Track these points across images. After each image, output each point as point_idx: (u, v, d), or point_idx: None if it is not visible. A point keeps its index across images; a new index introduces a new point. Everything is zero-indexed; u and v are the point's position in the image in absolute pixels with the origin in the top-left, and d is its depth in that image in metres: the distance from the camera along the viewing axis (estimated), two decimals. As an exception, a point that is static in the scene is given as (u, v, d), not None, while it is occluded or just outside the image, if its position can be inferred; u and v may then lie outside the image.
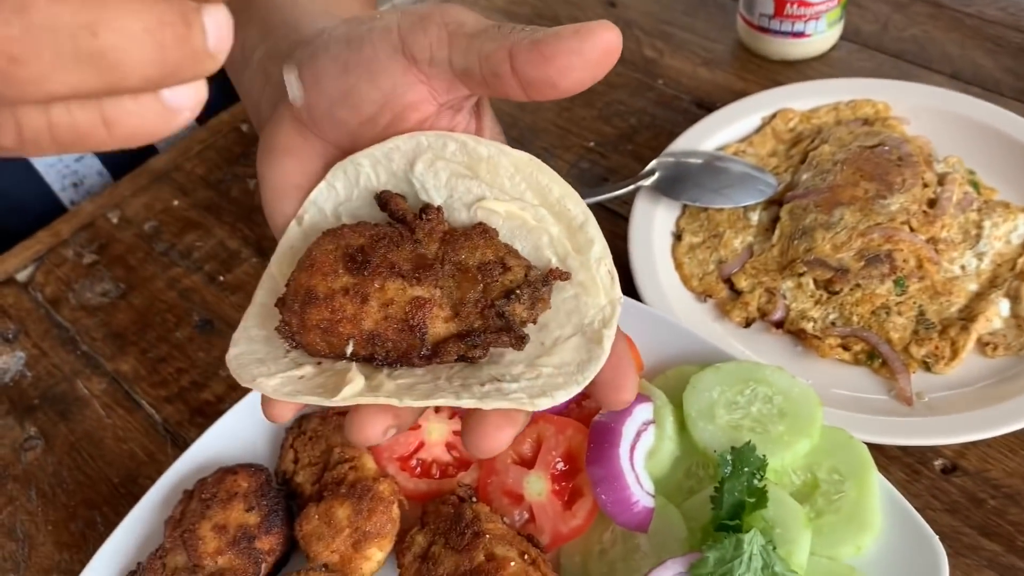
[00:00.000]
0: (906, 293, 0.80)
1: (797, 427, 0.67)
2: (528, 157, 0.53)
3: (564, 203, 0.52)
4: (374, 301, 0.49)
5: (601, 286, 0.51)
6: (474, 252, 0.51)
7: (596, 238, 0.52)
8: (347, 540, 0.66)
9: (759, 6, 1.03)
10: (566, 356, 0.49)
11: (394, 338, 0.49)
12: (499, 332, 0.49)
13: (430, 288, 0.50)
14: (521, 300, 0.49)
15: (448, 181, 0.54)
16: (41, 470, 0.82)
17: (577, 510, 0.67)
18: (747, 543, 0.60)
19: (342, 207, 0.56)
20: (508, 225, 0.53)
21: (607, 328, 0.49)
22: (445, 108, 0.54)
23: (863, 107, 0.95)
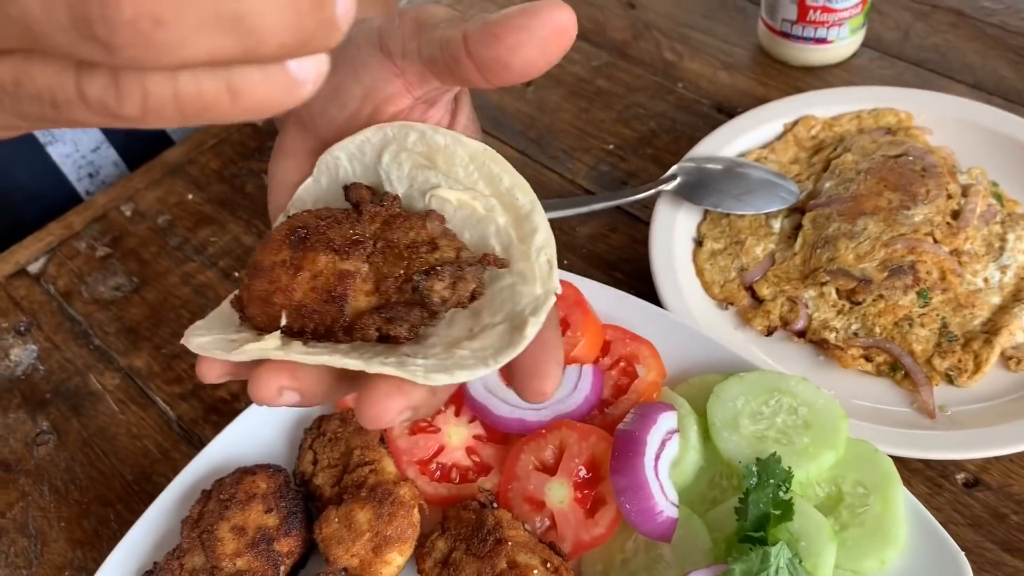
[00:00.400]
0: (929, 305, 0.79)
1: (822, 439, 0.67)
2: (482, 147, 0.54)
3: (513, 193, 0.53)
4: (305, 273, 0.50)
5: (538, 275, 0.50)
6: (407, 232, 0.52)
7: (540, 227, 0.51)
8: (367, 544, 0.65)
9: (782, 11, 1.02)
10: (488, 342, 0.48)
11: (319, 309, 0.50)
12: (412, 305, 0.49)
13: (357, 263, 0.50)
14: (440, 277, 0.49)
15: (410, 172, 0.55)
16: (53, 465, 0.81)
17: (600, 518, 0.66)
18: (774, 556, 0.59)
19: (321, 198, 0.57)
20: (460, 214, 0.54)
21: (535, 316, 0.48)
22: (420, 102, 0.55)
23: (886, 116, 0.95)
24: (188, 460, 0.78)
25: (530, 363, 0.49)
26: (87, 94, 0.31)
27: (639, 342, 0.75)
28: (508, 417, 0.71)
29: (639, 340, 0.75)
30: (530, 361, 0.48)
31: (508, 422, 0.71)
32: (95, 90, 0.31)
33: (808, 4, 0.99)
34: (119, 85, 0.31)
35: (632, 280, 0.88)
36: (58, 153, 1.06)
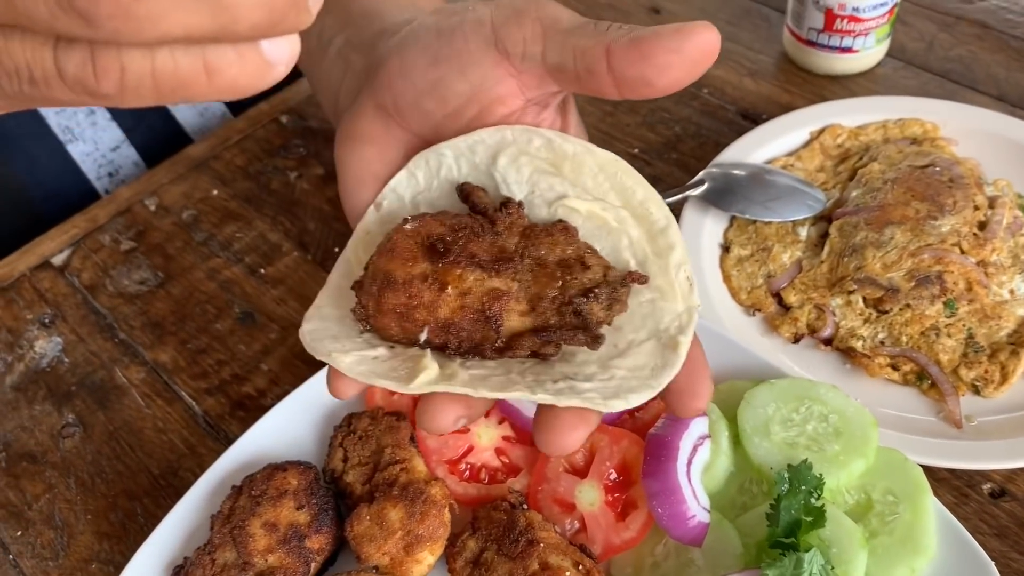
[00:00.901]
0: (956, 315, 0.80)
1: (852, 447, 0.67)
2: (613, 157, 0.53)
3: (647, 206, 0.52)
4: (452, 290, 0.49)
5: (679, 292, 0.51)
6: (554, 248, 0.51)
7: (677, 243, 0.51)
8: (399, 543, 0.66)
9: (808, 20, 1.03)
10: (640, 360, 0.49)
11: (469, 328, 0.49)
12: (575, 330, 0.49)
13: (508, 281, 0.50)
14: (599, 299, 0.49)
15: (530, 177, 0.54)
16: (80, 458, 0.82)
17: (631, 522, 0.66)
18: (807, 562, 0.60)
19: (420, 196, 0.57)
20: (588, 225, 0.53)
21: (683, 335, 0.49)
22: (532, 104, 0.54)
23: (911, 126, 0.95)
24: (214, 455, 0.79)
25: (684, 382, 0.49)
26: (65, 70, 0.31)
27: (669, 347, 0.75)
28: (538, 419, 0.71)
29: (669, 345, 0.75)
30: (684, 380, 0.49)
31: (538, 424, 0.71)
32: (73, 66, 0.31)
33: (835, 13, 1.00)
34: (97, 61, 0.31)
35: (658, 284, 0.88)
36: (78, 152, 1.06)
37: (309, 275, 0.93)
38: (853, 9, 0.99)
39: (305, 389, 0.77)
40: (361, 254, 0.57)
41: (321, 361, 0.54)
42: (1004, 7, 1.14)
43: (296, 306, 0.91)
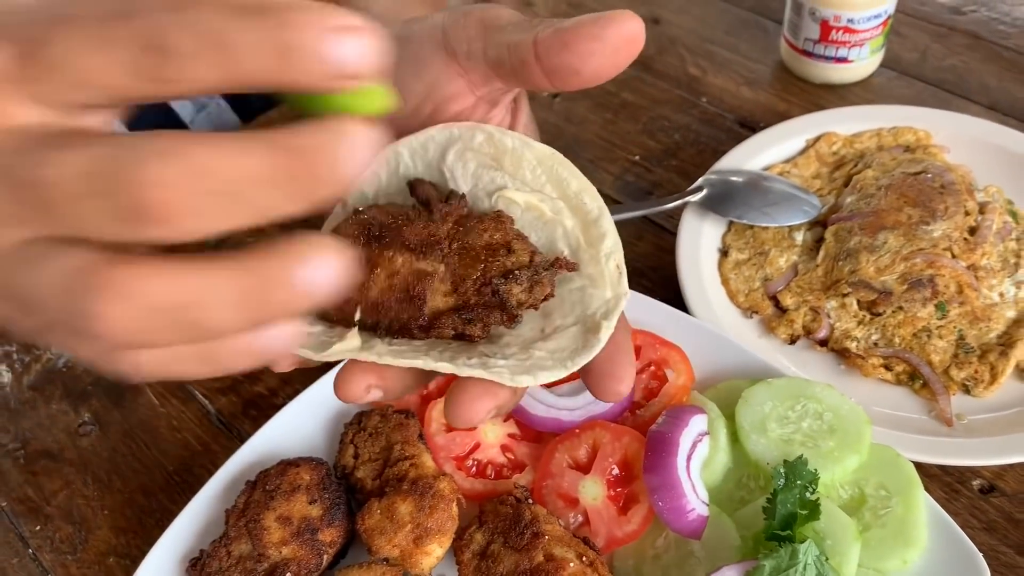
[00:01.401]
0: (947, 317, 0.82)
1: (847, 443, 0.69)
2: (550, 151, 0.55)
3: (581, 197, 0.54)
4: (382, 271, 0.52)
5: (608, 280, 0.52)
6: (483, 235, 0.53)
7: (609, 233, 0.53)
8: (409, 535, 0.68)
9: (804, 31, 1.05)
10: (563, 343, 0.50)
11: (396, 307, 0.51)
12: (491, 309, 0.51)
13: (434, 263, 0.52)
14: (518, 281, 0.51)
15: (475, 171, 0.56)
16: (96, 455, 0.84)
17: (632, 515, 0.69)
18: (802, 553, 0.62)
19: (381, 192, 0.59)
20: (526, 216, 0.55)
21: (607, 320, 0.50)
22: (482, 101, 0.57)
23: (905, 134, 0.98)
24: (227, 453, 0.81)
25: (606, 365, 0.50)
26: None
27: (669, 347, 0.77)
28: (543, 417, 0.74)
29: (669, 345, 0.77)
30: (606, 363, 0.50)
31: (543, 421, 0.74)
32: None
33: (831, 25, 1.02)
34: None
35: (658, 288, 0.91)
36: None
37: (319, 278, 0.96)
38: (848, 20, 1.01)
39: (315, 389, 0.79)
40: None
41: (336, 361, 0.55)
42: (995, 18, 1.17)
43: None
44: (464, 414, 0.48)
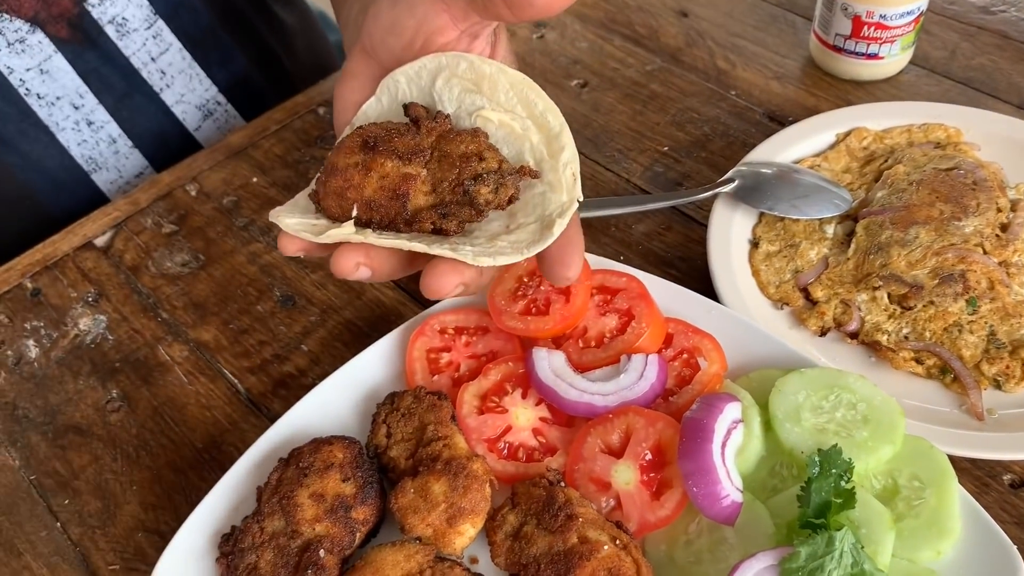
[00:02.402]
0: (978, 313, 0.82)
1: (880, 434, 0.69)
2: (522, 77, 0.64)
3: (546, 116, 0.63)
4: (374, 174, 0.62)
5: (564, 185, 0.61)
6: (459, 145, 0.62)
7: (567, 145, 0.62)
8: (442, 515, 0.68)
9: (836, 26, 1.05)
10: (522, 236, 0.60)
11: (385, 204, 0.62)
12: (463, 205, 0.61)
13: (418, 168, 0.62)
14: (486, 183, 0.61)
15: (459, 95, 0.65)
16: (125, 431, 0.84)
17: (665, 501, 0.69)
18: (839, 540, 0.62)
19: (383, 115, 0.69)
20: (500, 132, 0.64)
21: (561, 218, 0.59)
22: (465, 35, 0.65)
23: (935, 131, 0.98)
24: (257, 431, 0.81)
25: (556, 253, 0.60)
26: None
27: (701, 335, 0.77)
28: (576, 401, 0.74)
29: (701, 334, 0.78)
30: (556, 252, 0.60)
31: (576, 406, 0.74)
32: None
33: (863, 20, 1.02)
34: None
35: (687, 278, 0.91)
36: (102, 179, 1.12)
37: (347, 261, 0.96)
38: (880, 17, 1.01)
39: (347, 369, 0.80)
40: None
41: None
42: (1025, 19, 1.17)
43: (335, 291, 0.93)
44: (435, 286, 0.59)
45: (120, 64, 1.08)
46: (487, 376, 0.78)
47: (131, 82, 1.09)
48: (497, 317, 0.79)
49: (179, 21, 1.11)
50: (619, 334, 0.78)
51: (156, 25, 1.09)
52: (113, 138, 1.11)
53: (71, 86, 1.05)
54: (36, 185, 1.07)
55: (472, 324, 0.82)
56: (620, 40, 1.19)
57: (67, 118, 1.07)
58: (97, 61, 1.06)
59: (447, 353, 0.81)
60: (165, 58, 1.11)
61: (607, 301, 0.80)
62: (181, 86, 1.14)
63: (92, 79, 1.06)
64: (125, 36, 1.07)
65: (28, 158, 1.06)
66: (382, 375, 0.80)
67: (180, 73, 1.13)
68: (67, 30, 1.02)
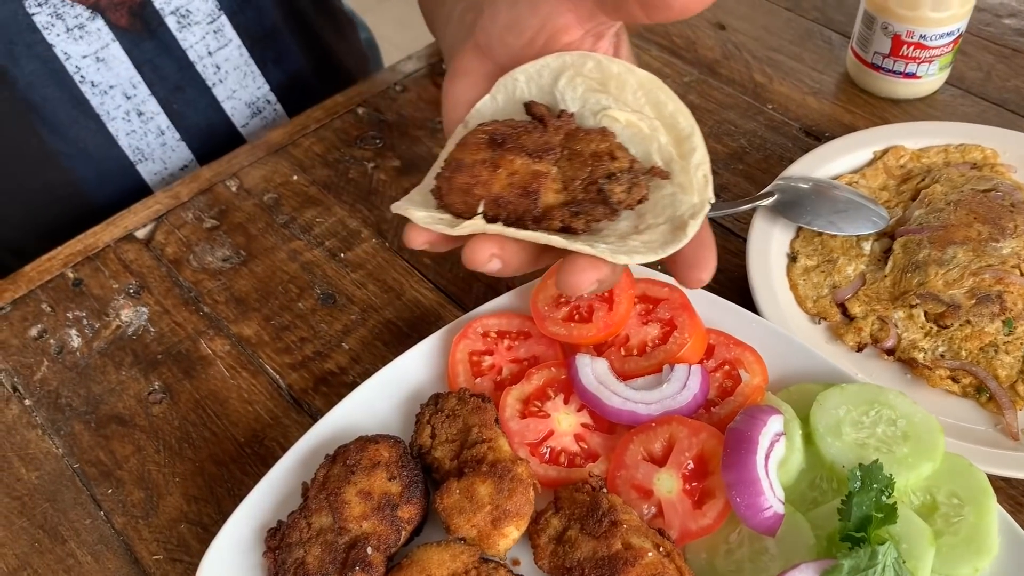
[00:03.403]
0: (1014, 334, 0.83)
1: (920, 450, 0.70)
2: (651, 77, 0.64)
3: (676, 117, 0.62)
4: (503, 171, 0.61)
5: (696, 187, 0.60)
6: (590, 144, 0.62)
7: (699, 147, 0.61)
8: (487, 516, 0.69)
9: (875, 44, 1.06)
10: (654, 237, 0.59)
11: (514, 201, 0.60)
12: (596, 204, 0.60)
13: (548, 165, 0.61)
14: (620, 182, 0.60)
15: (583, 94, 0.65)
16: (167, 423, 0.85)
17: (707, 510, 0.70)
18: (881, 555, 0.63)
19: (498, 113, 0.68)
20: (627, 132, 0.63)
21: (693, 219, 0.58)
22: (588, 34, 0.65)
23: (972, 152, 0.99)
24: (299, 427, 0.83)
25: (691, 256, 0.60)
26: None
27: (743, 348, 0.78)
28: (619, 409, 0.75)
29: (743, 346, 0.79)
30: (690, 254, 0.60)
31: (619, 413, 0.75)
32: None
33: (903, 40, 1.03)
34: None
35: (724, 289, 0.92)
36: (146, 171, 1.13)
37: (387, 262, 0.97)
38: (920, 37, 1.02)
39: (390, 369, 0.81)
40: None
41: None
42: (1060, 42, 1.18)
43: (375, 290, 0.94)
44: (572, 281, 0.58)
45: (176, 56, 1.09)
46: (530, 380, 0.79)
47: (185, 75, 1.11)
48: (540, 323, 0.80)
49: (242, 18, 1.13)
50: (661, 344, 0.79)
51: (219, 20, 1.10)
52: (162, 130, 1.12)
53: (125, 75, 1.06)
54: (80, 173, 1.08)
55: (514, 328, 0.83)
56: (657, 51, 1.20)
57: (118, 107, 1.08)
58: (153, 52, 1.07)
59: (489, 356, 0.82)
60: (222, 53, 1.12)
61: (649, 310, 0.81)
62: (234, 82, 1.15)
63: (146, 70, 1.07)
64: (185, 28, 1.08)
65: (75, 145, 1.07)
66: (424, 376, 0.82)
67: (235, 69, 1.15)
68: (127, 18, 1.03)
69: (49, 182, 1.08)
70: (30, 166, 1.08)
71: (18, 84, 1.01)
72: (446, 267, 0.96)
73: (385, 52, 1.55)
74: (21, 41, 0.99)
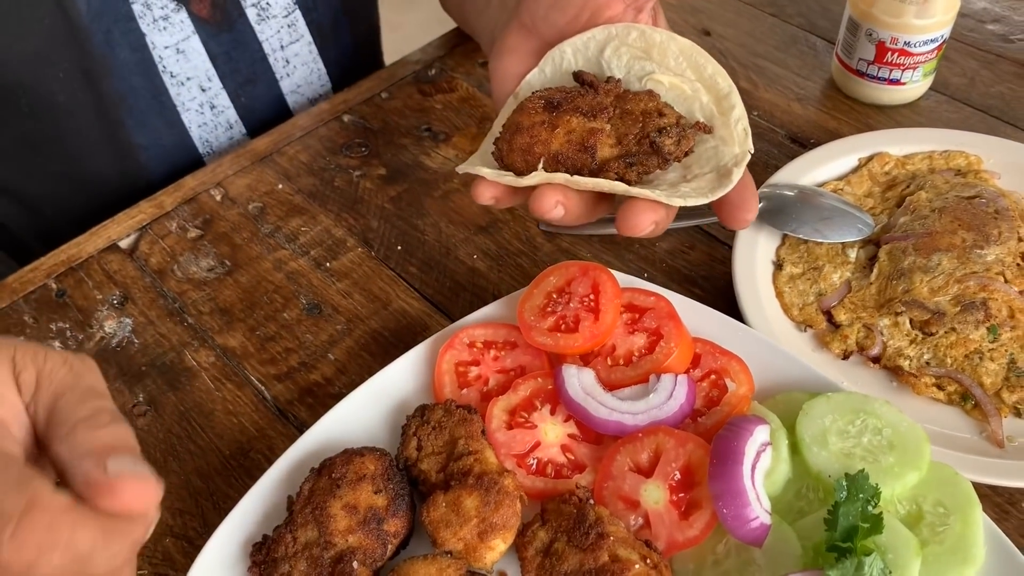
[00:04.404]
0: (998, 341, 0.84)
1: (906, 460, 0.71)
2: (691, 44, 0.71)
3: (715, 78, 0.69)
4: (561, 130, 0.67)
5: (736, 139, 0.67)
6: (638, 104, 0.68)
7: (737, 104, 0.68)
8: (474, 529, 0.69)
9: (859, 51, 1.07)
10: (701, 184, 0.66)
11: (573, 156, 0.67)
12: (650, 155, 0.66)
13: (602, 123, 0.67)
14: (670, 135, 0.66)
15: (628, 62, 0.71)
16: (152, 436, 0.85)
17: (694, 521, 0.70)
18: (868, 565, 0.63)
19: (547, 85, 0.73)
20: (670, 94, 0.70)
21: (736, 167, 0.65)
22: (630, 8, 0.72)
23: (956, 158, 0.99)
24: (284, 439, 0.82)
25: (737, 199, 0.66)
26: None
27: (729, 357, 0.78)
28: (606, 420, 0.75)
29: (729, 355, 0.79)
30: (736, 197, 0.66)
31: (606, 424, 0.75)
32: None
33: (887, 47, 1.04)
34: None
35: (711, 297, 0.92)
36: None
37: (373, 271, 0.97)
38: (905, 44, 1.03)
39: (375, 380, 0.80)
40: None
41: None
42: (1043, 48, 1.19)
43: (361, 300, 0.94)
44: (633, 221, 0.65)
45: (252, 48, 1.11)
46: (516, 391, 0.79)
47: (257, 68, 1.12)
48: (527, 333, 0.80)
49: (315, 14, 1.15)
50: (647, 353, 0.79)
51: (293, 14, 1.12)
52: (231, 123, 1.14)
53: (202, 68, 1.08)
54: (153, 164, 1.09)
55: (501, 339, 0.83)
56: (643, 57, 1.20)
57: (193, 99, 1.09)
58: (229, 44, 1.08)
59: (476, 367, 0.82)
60: (293, 48, 1.14)
61: (635, 320, 0.81)
62: (300, 77, 1.18)
63: (220, 62, 1.09)
64: (263, 21, 1.10)
65: (153, 137, 1.08)
66: (410, 387, 0.81)
67: (303, 65, 1.17)
68: (209, 9, 1.04)
69: (127, 173, 1.08)
70: (112, 157, 1.09)
71: (113, 73, 1.02)
72: (432, 276, 0.96)
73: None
74: (118, 29, 1.00)
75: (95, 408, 0.48)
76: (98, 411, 0.48)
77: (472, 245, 0.99)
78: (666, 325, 0.80)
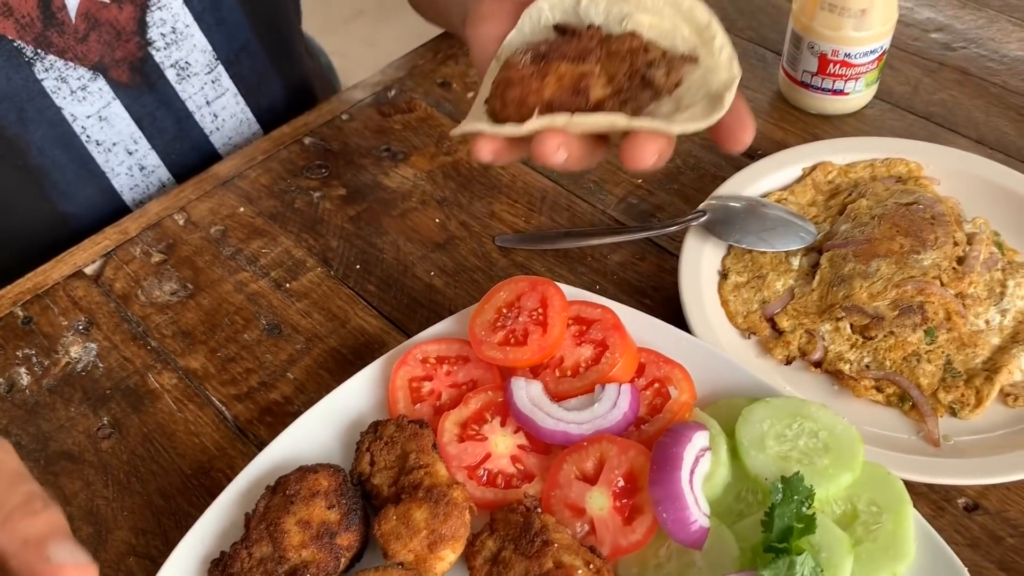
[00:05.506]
0: (935, 343, 0.86)
1: (840, 461, 0.73)
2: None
3: (693, 11, 0.71)
4: (551, 78, 0.68)
5: (722, 65, 0.68)
6: (623, 44, 0.69)
7: (718, 32, 0.69)
8: (424, 541, 0.71)
9: (803, 63, 1.10)
10: (696, 112, 0.66)
11: (566, 101, 0.67)
12: (642, 89, 0.68)
13: (591, 65, 0.68)
14: (659, 67, 0.68)
15: (605, 8, 0.73)
16: (116, 458, 0.87)
17: (637, 526, 0.72)
18: (799, 564, 0.66)
19: (526, 42, 0.74)
20: (652, 32, 0.71)
21: (728, 91, 0.66)
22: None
23: (897, 166, 1.02)
24: (244, 457, 0.84)
25: (733, 122, 0.67)
26: None
27: (672, 365, 0.81)
28: (552, 430, 0.77)
29: (672, 363, 0.81)
30: (732, 120, 0.67)
31: (552, 434, 0.77)
32: None
33: (828, 59, 1.07)
34: None
35: (659, 306, 0.95)
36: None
37: (332, 290, 0.99)
38: (845, 55, 1.06)
39: (331, 398, 0.82)
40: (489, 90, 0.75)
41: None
42: (984, 55, 1.22)
43: (320, 319, 0.96)
44: (637, 155, 0.65)
45: (175, 108, 1.11)
46: (467, 405, 0.81)
47: (183, 126, 1.13)
48: (477, 347, 0.83)
49: (238, 67, 1.15)
50: (594, 364, 0.81)
51: (216, 71, 1.13)
52: (163, 182, 1.15)
53: (127, 132, 1.09)
54: (87, 229, 1.10)
55: (453, 354, 0.85)
56: (597, 73, 1.23)
57: (121, 163, 1.11)
58: (152, 105, 1.09)
59: (429, 382, 0.84)
60: (220, 102, 1.15)
61: (582, 332, 0.84)
62: (230, 129, 1.18)
63: (145, 123, 1.10)
64: (184, 80, 1.11)
65: (84, 205, 1.10)
66: (366, 404, 0.83)
67: (231, 117, 1.18)
68: (128, 74, 1.06)
69: (58, 242, 1.09)
70: (41, 230, 1.10)
71: (31, 150, 1.03)
72: (390, 294, 0.98)
73: (350, 71, 1.59)
74: (32, 107, 1.01)
75: (26, 494, 0.49)
76: (30, 497, 0.49)
77: (429, 262, 1.02)
78: (612, 336, 0.82)
